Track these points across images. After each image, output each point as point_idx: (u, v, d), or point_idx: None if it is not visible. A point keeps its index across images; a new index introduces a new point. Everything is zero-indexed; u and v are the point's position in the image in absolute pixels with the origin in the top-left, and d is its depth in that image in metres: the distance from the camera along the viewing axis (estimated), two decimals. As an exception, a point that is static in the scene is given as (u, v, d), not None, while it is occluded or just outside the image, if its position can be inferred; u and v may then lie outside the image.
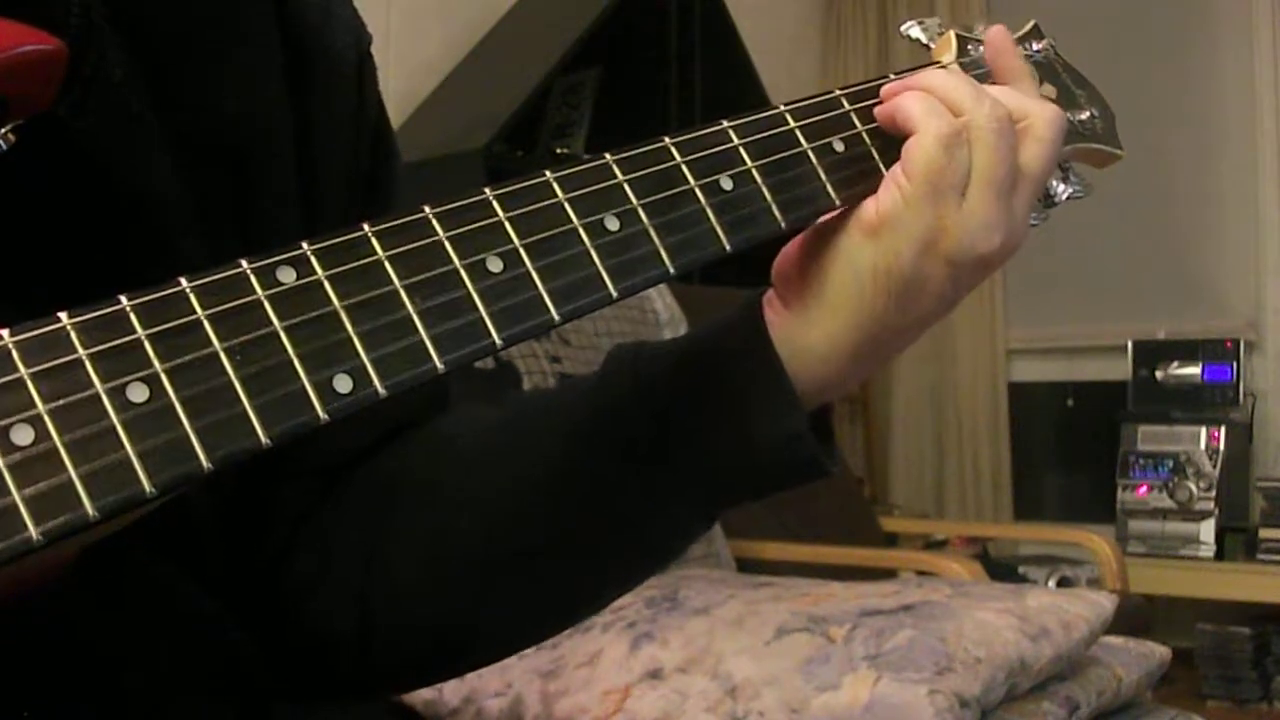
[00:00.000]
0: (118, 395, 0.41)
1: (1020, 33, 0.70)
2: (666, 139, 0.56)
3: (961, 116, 0.58)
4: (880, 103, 0.61)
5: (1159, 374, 3.53)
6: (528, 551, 0.64)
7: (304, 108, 0.66)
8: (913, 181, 0.57)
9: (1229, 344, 3.47)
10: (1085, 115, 0.70)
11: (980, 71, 0.66)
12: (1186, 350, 3.51)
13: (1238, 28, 3.65)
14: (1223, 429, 3.35)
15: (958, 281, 0.58)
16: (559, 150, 2.95)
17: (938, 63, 0.66)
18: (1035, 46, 0.70)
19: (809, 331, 0.59)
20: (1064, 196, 0.66)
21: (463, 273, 0.48)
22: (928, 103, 0.59)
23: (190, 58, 0.61)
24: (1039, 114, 0.61)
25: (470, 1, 3.06)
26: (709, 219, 0.55)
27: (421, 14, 2.93)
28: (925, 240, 0.57)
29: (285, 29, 0.66)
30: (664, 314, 2.30)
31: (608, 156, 0.54)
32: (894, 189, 0.58)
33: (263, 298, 0.45)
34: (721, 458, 0.60)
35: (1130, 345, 3.59)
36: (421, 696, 1.47)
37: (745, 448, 0.59)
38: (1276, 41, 3.59)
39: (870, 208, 0.58)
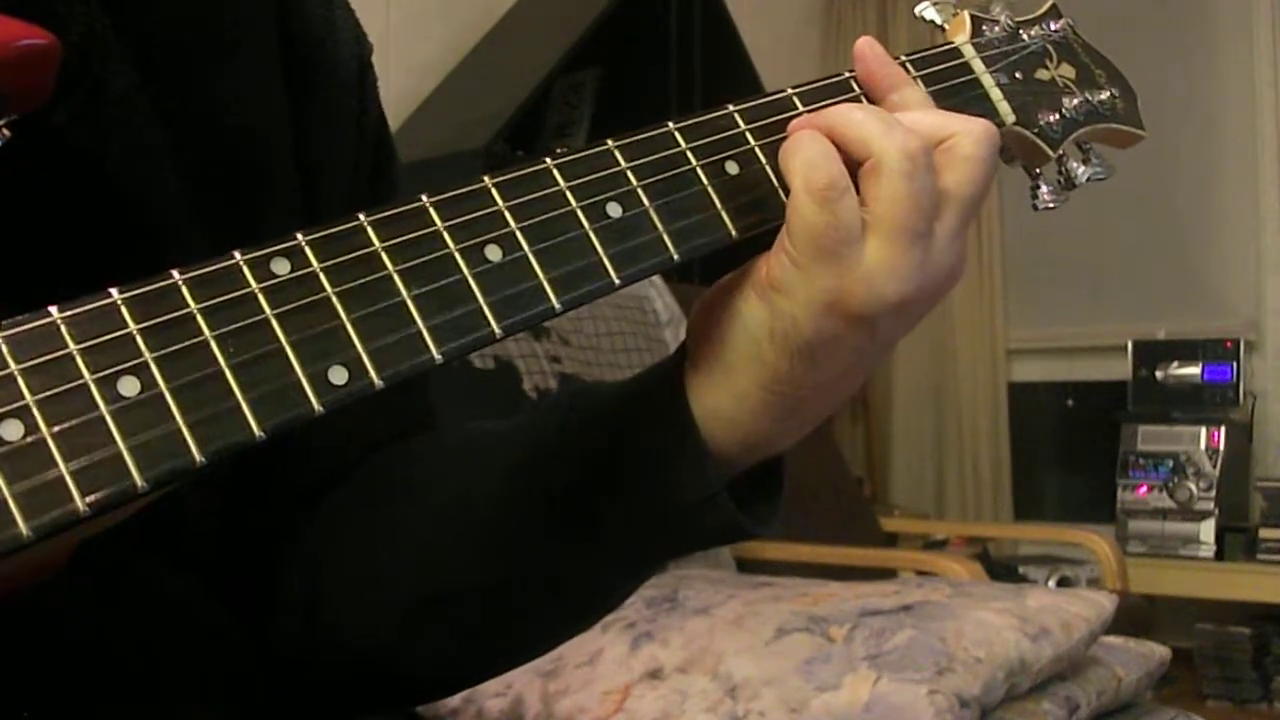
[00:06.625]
0: (108, 389, 0.41)
1: (1038, 13, 0.69)
2: (670, 123, 0.55)
3: (868, 158, 0.52)
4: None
5: (1159, 374, 3.52)
6: (457, 589, 0.62)
7: (305, 118, 0.66)
8: (796, 246, 0.52)
9: (1229, 344, 3.46)
10: (1105, 95, 0.68)
11: (995, 51, 0.65)
12: (1186, 350, 3.50)
13: (1238, 28, 3.65)
14: (1223, 429, 3.35)
15: (877, 333, 0.53)
16: (559, 150, 2.95)
17: (950, 43, 0.65)
18: (1053, 26, 0.69)
19: (716, 393, 0.55)
20: (1084, 179, 0.64)
21: (460, 261, 0.48)
22: (811, 151, 0.52)
23: (192, 68, 0.61)
24: (964, 129, 0.54)
25: (470, 1, 3.05)
26: (714, 204, 0.54)
27: (421, 14, 2.92)
28: (823, 303, 0.51)
29: (287, 39, 0.66)
30: (664, 314, 2.30)
31: (609, 142, 0.53)
32: (781, 252, 0.52)
33: (256, 290, 0.44)
34: (638, 515, 0.57)
35: (1130, 345, 3.58)
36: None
37: (660, 508, 0.56)
38: (1276, 41, 3.59)
39: (762, 267, 0.53)
